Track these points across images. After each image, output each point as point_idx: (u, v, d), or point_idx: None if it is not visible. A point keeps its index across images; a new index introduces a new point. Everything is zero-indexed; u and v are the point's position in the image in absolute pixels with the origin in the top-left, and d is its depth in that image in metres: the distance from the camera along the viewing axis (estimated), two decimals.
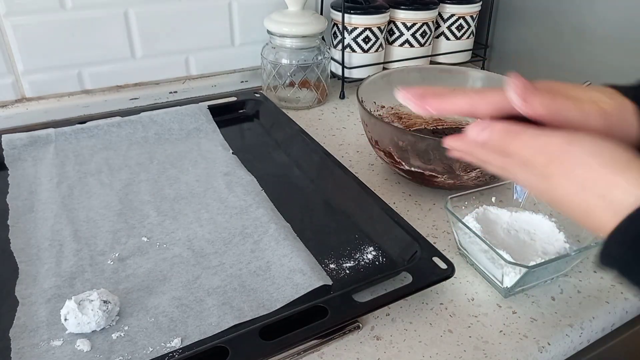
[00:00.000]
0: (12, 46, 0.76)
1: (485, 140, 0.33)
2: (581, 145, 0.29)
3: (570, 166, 0.28)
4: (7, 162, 0.64)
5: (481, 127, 0.33)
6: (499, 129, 0.33)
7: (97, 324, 0.42)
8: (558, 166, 0.29)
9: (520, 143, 0.32)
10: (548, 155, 0.30)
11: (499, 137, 0.33)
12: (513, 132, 0.32)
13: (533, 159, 0.31)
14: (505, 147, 0.32)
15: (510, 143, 0.32)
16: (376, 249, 0.53)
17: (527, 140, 0.31)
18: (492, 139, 0.33)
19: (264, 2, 0.90)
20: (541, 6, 0.92)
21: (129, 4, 0.81)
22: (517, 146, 0.32)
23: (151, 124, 0.73)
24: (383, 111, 0.73)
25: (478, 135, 0.33)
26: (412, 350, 0.43)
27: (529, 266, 0.45)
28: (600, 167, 0.27)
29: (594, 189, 0.27)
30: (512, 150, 0.32)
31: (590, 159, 0.28)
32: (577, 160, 0.28)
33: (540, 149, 0.30)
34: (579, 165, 0.28)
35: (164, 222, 0.56)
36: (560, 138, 0.30)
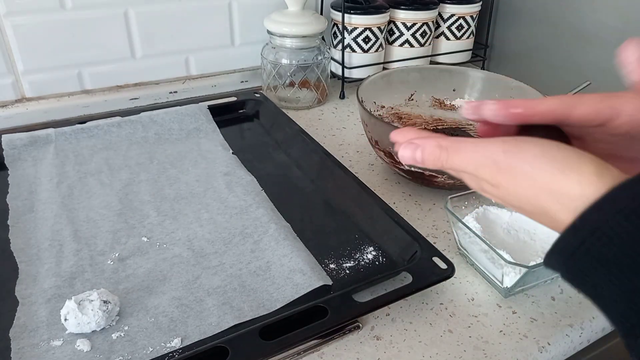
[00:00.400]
0: (12, 46, 0.76)
1: (420, 162, 0.31)
2: (524, 149, 0.27)
3: (520, 171, 0.27)
4: (7, 162, 0.64)
5: (411, 148, 0.32)
6: (431, 147, 0.31)
7: (97, 324, 0.42)
8: (505, 175, 0.28)
9: (458, 159, 0.30)
10: (492, 167, 0.28)
11: (433, 158, 0.31)
12: (449, 149, 0.30)
13: (476, 172, 0.29)
14: (443, 166, 0.31)
15: (447, 160, 0.30)
16: (376, 249, 0.53)
17: (465, 155, 0.30)
18: (426, 160, 0.31)
19: (264, 2, 0.90)
20: (541, 6, 0.92)
21: (129, 4, 0.81)
22: (456, 163, 0.30)
23: (151, 124, 0.73)
24: (383, 111, 0.73)
25: (411, 158, 0.32)
26: (412, 350, 0.43)
27: (529, 266, 0.45)
28: (549, 167, 0.26)
29: (547, 189, 0.26)
30: (452, 167, 0.30)
31: (540, 161, 0.27)
32: (526, 164, 0.27)
33: (482, 162, 0.29)
34: (527, 169, 0.27)
35: (164, 222, 0.56)
36: (499, 146, 0.28)
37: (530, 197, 0.27)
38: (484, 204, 0.55)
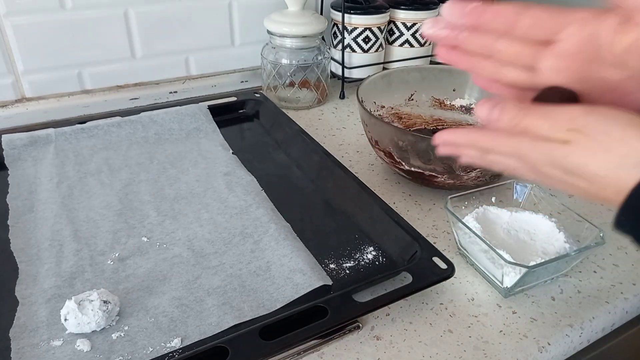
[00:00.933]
0: (12, 46, 0.76)
1: (497, 118, 0.31)
2: (600, 113, 0.28)
3: (597, 139, 0.28)
4: (7, 162, 0.64)
5: (491, 104, 0.31)
6: (511, 105, 0.31)
7: (97, 324, 0.42)
8: (585, 140, 0.28)
9: (537, 115, 0.30)
10: (568, 123, 0.28)
11: (511, 114, 0.31)
12: (526, 108, 0.30)
13: (551, 130, 0.29)
14: (519, 122, 0.30)
15: (525, 117, 0.30)
16: (376, 249, 0.53)
17: (544, 111, 0.30)
18: (504, 116, 0.31)
19: (264, 2, 0.90)
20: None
21: (129, 4, 0.81)
22: (534, 118, 0.30)
23: (151, 124, 0.73)
24: (383, 111, 0.73)
25: (489, 113, 0.31)
26: (412, 350, 0.43)
27: (529, 266, 0.45)
28: (629, 136, 0.27)
29: (616, 153, 0.27)
30: (526, 124, 0.30)
31: (618, 129, 0.27)
32: (603, 132, 0.28)
33: (559, 118, 0.29)
34: (606, 137, 0.28)
35: (164, 222, 0.56)
36: (579, 108, 0.29)
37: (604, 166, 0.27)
38: (484, 204, 0.55)
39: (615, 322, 0.49)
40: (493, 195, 0.56)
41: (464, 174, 0.59)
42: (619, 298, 0.49)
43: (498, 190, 0.57)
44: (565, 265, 0.49)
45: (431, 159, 0.58)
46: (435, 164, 0.58)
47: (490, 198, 0.56)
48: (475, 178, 0.60)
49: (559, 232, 0.51)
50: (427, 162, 0.59)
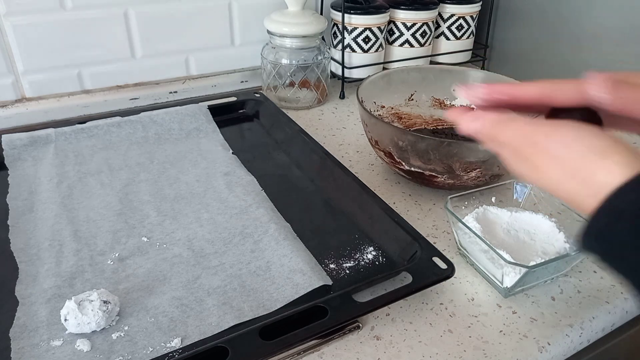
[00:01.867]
0: (12, 46, 0.76)
1: (477, 130, 0.35)
2: (563, 133, 0.30)
3: (554, 155, 0.30)
4: (7, 162, 0.64)
5: (472, 117, 0.35)
6: (490, 119, 0.34)
7: (97, 324, 0.42)
8: (543, 156, 0.30)
9: (509, 133, 0.33)
10: (534, 145, 0.31)
11: (489, 127, 0.34)
12: (503, 122, 0.33)
13: (521, 148, 0.32)
14: (496, 137, 0.34)
15: (500, 133, 0.33)
16: (376, 249, 0.53)
17: (515, 130, 0.32)
18: (484, 128, 0.34)
19: (264, 2, 0.90)
20: (541, 6, 0.92)
21: (129, 4, 0.81)
22: (507, 136, 0.33)
23: (151, 124, 0.73)
24: (383, 111, 0.73)
25: (469, 125, 0.35)
26: (412, 350, 0.43)
27: (529, 266, 0.45)
28: (581, 154, 0.28)
29: (577, 176, 0.28)
30: (502, 140, 0.33)
31: (572, 146, 0.29)
32: (559, 149, 0.29)
33: (526, 139, 0.31)
34: (562, 154, 0.29)
35: (164, 222, 0.56)
36: (545, 127, 0.31)
37: (561, 181, 0.29)
38: (484, 204, 0.55)
39: (615, 322, 0.49)
40: (493, 195, 0.56)
41: (464, 174, 0.59)
42: (619, 298, 0.49)
43: (498, 190, 0.57)
44: (565, 265, 0.49)
45: (431, 159, 0.58)
46: (435, 164, 0.58)
47: (490, 198, 0.56)
48: (475, 178, 0.60)
49: (559, 232, 0.51)
50: (427, 162, 0.59)
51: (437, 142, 0.57)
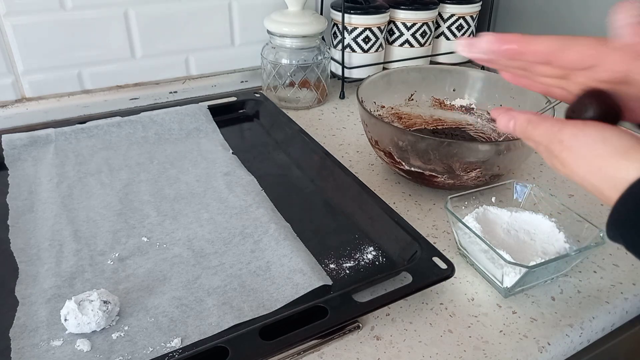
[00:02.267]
0: (12, 46, 0.76)
1: (513, 130, 0.37)
2: (587, 133, 0.32)
3: (580, 154, 0.32)
4: (7, 162, 0.64)
5: (508, 117, 0.38)
6: (522, 120, 0.37)
7: (97, 324, 0.42)
8: (570, 154, 0.33)
9: (539, 132, 0.35)
10: (561, 144, 0.33)
11: (521, 128, 0.37)
12: (534, 122, 0.36)
13: (551, 146, 0.34)
14: (528, 137, 0.36)
15: (532, 132, 0.36)
16: (376, 249, 0.53)
17: (544, 130, 0.35)
18: (517, 129, 0.37)
19: (264, 2, 0.90)
20: (541, 6, 0.92)
21: (129, 4, 0.81)
22: (537, 135, 0.35)
23: (151, 124, 0.73)
24: (383, 111, 0.73)
25: (506, 125, 0.38)
26: (412, 350, 0.43)
27: (529, 266, 0.45)
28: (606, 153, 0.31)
29: (601, 172, 0.31)
30: (534, 139, 0.36)
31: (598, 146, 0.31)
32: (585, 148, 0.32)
33: (554, 138, 0.34)
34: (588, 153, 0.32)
35: (164, 222, 0.56)
36: (572, 128, 0.33)
37: (587, 177, 0.32)
38: (484, 204, 0.55)
39: (615, 322, 0.49)
40: (493, 195, 0.56)
41: (464, 174, 0.59)
42: (619, 298, 0.49)
43: (498, 190, 0.57)
44: (565, 265, 0.49)
45: (431, 159, 0.58)
46: (435, 164, 0.59)
47: (490, 198, 0.56)
48: (475, 178, 0.60)
49: (559, 232, 0.51)
50: (427, 162, 0.59)
51: (437, 142, 0.57)
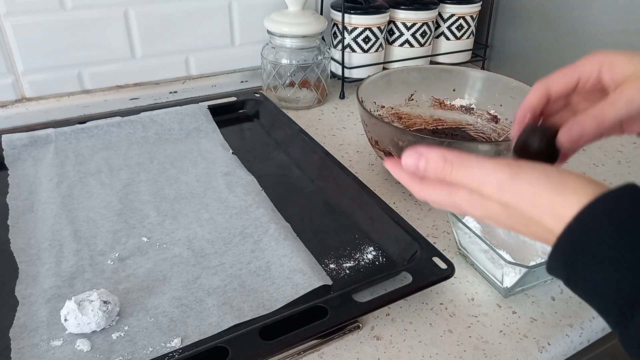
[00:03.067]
0: (12, 46, 0.76)
1: (423, 169, 0.32)
2: (526, 172, 0.29)
3: (521, 195, 0.29)
4: (7, 162, 0.64)
5: (416, 155, 0.32)
6: (436, 157, 0.32)
7: (97, 324, 0.42)
8: (511, 195, 0.29)
9: (463, 173, 0.31)
10: (497, 186, 0.30)
11: (436, 168, 0.32)
12: (453, 162, 0.31)
13: (481, 188, 0.30)
14: (445, 178, 0.32)
15: (450, 173, 0.31)
16: (376, 249, 0.53)
17: (471, 170, 0.31)
18: (429, 169, 0.32)
19: (264, 2, 0.90)
20: (541, 6, 0.92)
21: (129, 4, 0.81)
22: (460, 176, 0.31)
23: (151, 124, 0.73)
24: (383, 111, 0.73)
25: (414, 165, 0.32)
26: (412, 350, 0.43)
27: (529, 266, 0.45)
28: (545, 190, 0.29)
29: (546, 213, 0.28)
30: (454, 180, 0.31)
31: (535, 184, 0.29)
32: (526, 188, 0.29)
33: (487, 180, 0.30)
34: (530, 193, 0.29)
35: (164, 222, 0.56)
36: (505, 169, 0.30)
37: (534, 216, 0.29)
38: None
39: None
40: None
41: None
42: None
43: None
44: None
45: None
46: None
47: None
48: None
49: None
50: None
51: (437, 142, 0.57)
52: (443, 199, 0.32)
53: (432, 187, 0.33)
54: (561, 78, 0.38)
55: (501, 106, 0.72)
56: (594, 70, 0.37)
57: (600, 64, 0.36)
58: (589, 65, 0.37)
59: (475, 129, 0.74)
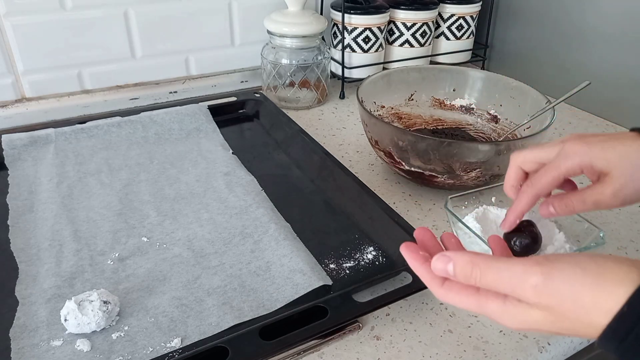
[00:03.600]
0: (12, 46, 0.76)
1: (452, 276, 0.31)
2: (561, 275, 0.28)
3: (561, 296, 0.28)
4: (7, 162, 0.64)
5: (445, 259, 0.31)
6: (464, 262, 0.30)
7: (97, 324, 0.42)
8: (550, 297, 0.28)
9: (492, 278, 0.29)
10: (533, 289, 0.28)
11: (464, 274, 0.30)
12: (481, 266, 0.30)
13: (515, 293, 0.29)
14: (475, 283, 0.30)
15: (480, 279, 0.30)
16: (376, 249, 0.53)
17: (500, 274, 0.29)
18: (458, 274, 0.30)
19: (264, 2, 0.90)
20: (541, 6, 0.92)
21: (129, 4, 0.81)
22: (490, 281, 0.29)
23: (151, 124, 0.73)
24: (383, 111, 0.73)
25: (444, 269, 0.31)
26: (412, 350, 0.43)
27: None
28: (585, 287, 0.27)
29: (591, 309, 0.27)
30: (483, 285, 0.30)
31: (573, 282, 0.27)
32: (564, 288, 0.27)
33: (519, 284, 0.28)
34: (569, 293, 0.27)
35: (164, 222, 0.56)
36: (535, 268, 0.28)
37: (580, 316, 0.27)
38: (484, 204, 0.55)
39: None
40: (493, 195, 0.56)
41: (463, 174, 0.59)
42: None
43: (498, 190, 0.57)
44: None
45: (431, 159, 0.58)
46: (435, 164, 0.58)
47: (490, 198, 0.56)
48: (475, 178, 0.60)
49: (559, 232, 0.51)
50: (427, 162, 0.59)
51: (437, 142, 0.57)
52: (471, 307, 0.31)
53: (458, 292, 0.31)
54: (547, 176, 0.41)
55: (501, 106, 0.72)
56: (575, 169, 0.40)
57: (580, 164, 0.40)
58: (569, 163, 0.40)
59: (475, 129, 0.74)
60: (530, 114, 0.64)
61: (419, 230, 0.37)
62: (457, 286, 0.31)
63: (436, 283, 0.32)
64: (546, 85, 0.80)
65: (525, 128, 0.66)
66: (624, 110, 0.82)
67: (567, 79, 0.89)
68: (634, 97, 0.80)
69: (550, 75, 0.93)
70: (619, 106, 0.83)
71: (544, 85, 0.74)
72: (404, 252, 0.34)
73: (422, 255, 0.33)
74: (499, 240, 0.39)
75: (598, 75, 0.84)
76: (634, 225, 0.60)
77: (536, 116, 0.62)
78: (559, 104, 0.62)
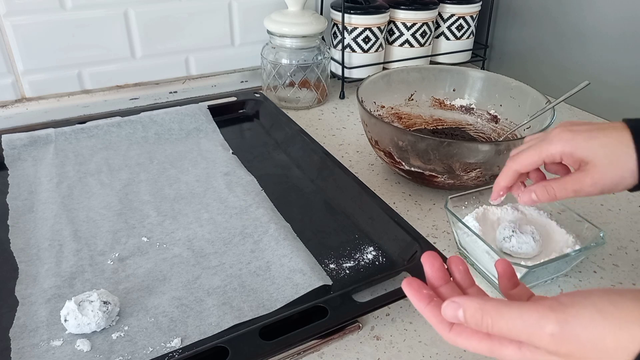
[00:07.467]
0: (12, 46, 0.76)
1: (462, 321, 0.29)
2: (575, 316, 0.27)
3: (580, 342, 0.27)
4: (7, 162, 0.64)
5: (455, 306, 0.29)
6: (473, 309, 0.29)
7: (97, 324, 0.42)
8: (569, 345, 0.27)
9: (505, 325, 0.28)
10: (550, 338, 0.27)
11: (475, 321, 0.29)
12: (492, 313, 0.28)
13: (531, 340, 0.28)
14: (488, 330, 0.29)
15: (492, 326, 0.28)
16: (376, 249, 0.53)
17: (513, 321, 0.28)
18: (469, 321, 0.29)
19: (264, 2, 0.90)
20: (541, 6, 0.92)
21: (129, 4, 0.81)
22: (503, 329, 0.28)
23: (151, 124, 0.73)
24: (383, 111, 0.73)
25: (455, 316, 0.29)
26: (412, 350, 0.43)
27: (529, 266, 0.45)
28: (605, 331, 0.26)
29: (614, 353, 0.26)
30: (499, 332, 0.28)
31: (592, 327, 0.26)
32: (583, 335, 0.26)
33: (535, 331, 0.27)
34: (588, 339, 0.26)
35: (164, 222, 0.56)
36: (549, 315, 0.27)
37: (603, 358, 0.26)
38: (484, 204, 0.55)
39: None
40: None
41: (463, 174, 0.59)
42: None
43: None
44: (565, 265, 0.49)
45: (431, 159, 0.58)
46: (435, 164, 0.58)
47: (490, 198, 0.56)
48: (475, 178, 0.60)
49: (559, 228, 0.51)
50: (427, 162, 0.59)
51: (437, 142, 0.57)
52: (484, 352, 0.30)
53: (468, 338, 0.30)
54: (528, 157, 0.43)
55: (501, 106, 0.72)
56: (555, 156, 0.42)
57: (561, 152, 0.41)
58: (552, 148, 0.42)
59: (475, 128, 0.74)
60: (530, 114, 0.64)
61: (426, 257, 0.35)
62: (468, 331, 0.30)
63: (443, 327, 0.31)
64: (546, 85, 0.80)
65: (525, 128, 0.66)
66: (624, 110, 0.82)
67: (566, 79, 0.89)
68: (634, 97, 0.80)
69: (550, 76, 0.93)
70: (619, 106, 0.83)
71: (543, 85, 0.74)
72: (407, 290, 0.32)
73: (426, 294, 0.32)
74: (507, 266, 0.36)
75: (597, 75, 0.84)
76: (634, 225, 0.60)
77: (536, 116, 0.62)
78: (558, 104, 0.62)
